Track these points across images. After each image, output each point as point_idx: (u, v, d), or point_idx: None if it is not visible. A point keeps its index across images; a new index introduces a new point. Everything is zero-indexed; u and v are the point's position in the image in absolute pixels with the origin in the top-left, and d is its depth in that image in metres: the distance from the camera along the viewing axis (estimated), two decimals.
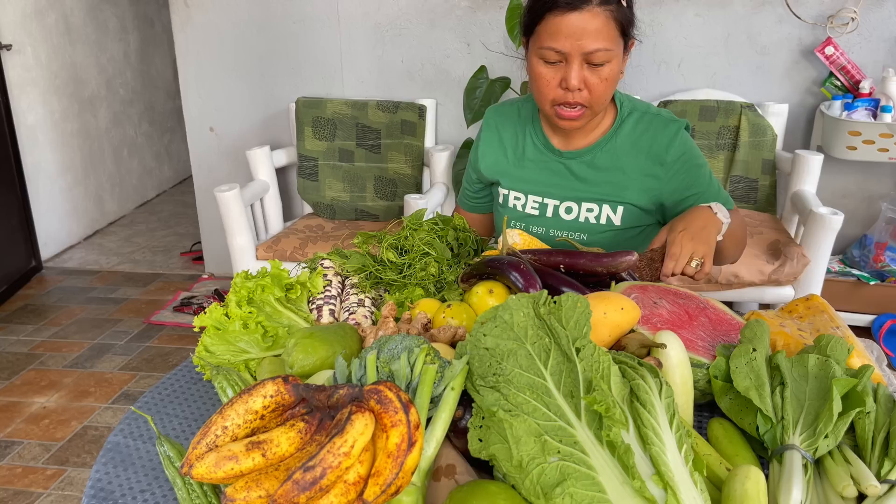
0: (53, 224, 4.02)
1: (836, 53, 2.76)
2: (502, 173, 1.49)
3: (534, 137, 1.46)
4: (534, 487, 0.72)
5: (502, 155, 1.49)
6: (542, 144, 1.44)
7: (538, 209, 1.44)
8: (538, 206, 1.44)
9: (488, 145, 1.51)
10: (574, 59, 1.23)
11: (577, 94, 1.26)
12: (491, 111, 1.54)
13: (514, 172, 1.47)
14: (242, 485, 0.72)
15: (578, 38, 1.21)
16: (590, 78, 1.25)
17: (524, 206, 1.46)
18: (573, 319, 0.84)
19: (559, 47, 1.23)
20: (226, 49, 3.29)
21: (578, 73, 1.24)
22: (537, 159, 1.45)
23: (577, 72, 1.24)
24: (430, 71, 3.16)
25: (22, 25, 3.73)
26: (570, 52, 1.23)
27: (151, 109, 5.08)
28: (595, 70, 1.24)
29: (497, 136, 1.50)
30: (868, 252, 2.82)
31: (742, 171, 2.81)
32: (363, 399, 0.74)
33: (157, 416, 1.06)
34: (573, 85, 1.24)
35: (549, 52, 1.25)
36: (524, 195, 1.46)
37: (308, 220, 3.07)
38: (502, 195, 1.49)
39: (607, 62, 1.24)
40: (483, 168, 1.52)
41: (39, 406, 2.62)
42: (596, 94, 1.27)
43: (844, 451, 0.84)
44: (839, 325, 1.10)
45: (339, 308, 1.23)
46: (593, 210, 1.40)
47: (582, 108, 1.29)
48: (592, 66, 1.24)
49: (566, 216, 1.42)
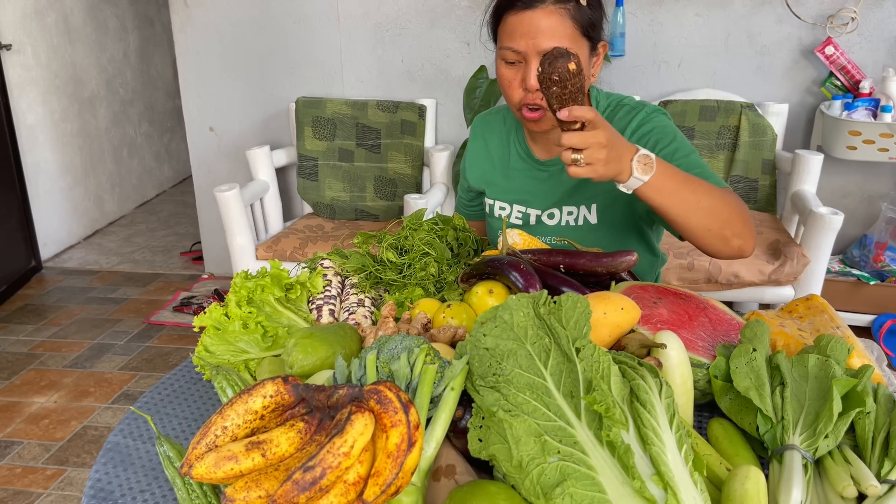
0: (53, 224, 4.03)
1: (836, 53, 2.76)
2: (489, 183, 1.49)
3: (517, 147, 1.45)
4: (534, 487, 0.72)
5: (489, 165, 1.49)
6: (524, 153, 1.44)
7: (522, 218, 1.44)
8: (522, 216, 1.44)
9: (475, 155, 1.51)
10: (531, 58, 1.22)
11: (538, 95, 1.24)
12: (478, 120, 1.53)
13: (501, 182, 1.47)
14: (242, 485, 0.72)
15: (533, 37, 1.20)
16: None
17: (509, 216, 1.46)
18: (573, 319, 0.84)
19: (516, 47, 1.23)
20: (226, 49, 3.29)
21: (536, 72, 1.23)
22: (521, 168, 1.45)
23: (534, 71, 1.22)
24: (430, 71, 3.16)
25: (22, 25, 3.73)
26: (526, 52, 1.22)
27: (151, 109, 5.08)
28: None
29: (484, 146, 1.50)
30: (868, 252, 2.82)
31: (742, 171, 2.81)
32: (363, 399, 0.74)
33: (156, 416, 1.06)
34: (531, 85, 1.23)
35: (508, 52, 1.24)
36: (509, 205, 1.46)
37: (308, 220, 3.07)
38: (488, 205, 1.49)
39: None
40: (471, 178, 1.52)
41: (39, 406, 2.62)
42: None
43: (844, 452, 0.84)
44: (839, 325, 1.10)
45: (339, 308, 1.23)
46: (573, 213, 1.40)
47: (543, 109, 1.26)
48: None
49: (549, 222, 1.42)
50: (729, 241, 1.16)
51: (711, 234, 1.15)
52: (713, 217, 1.14)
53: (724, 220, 1.14)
